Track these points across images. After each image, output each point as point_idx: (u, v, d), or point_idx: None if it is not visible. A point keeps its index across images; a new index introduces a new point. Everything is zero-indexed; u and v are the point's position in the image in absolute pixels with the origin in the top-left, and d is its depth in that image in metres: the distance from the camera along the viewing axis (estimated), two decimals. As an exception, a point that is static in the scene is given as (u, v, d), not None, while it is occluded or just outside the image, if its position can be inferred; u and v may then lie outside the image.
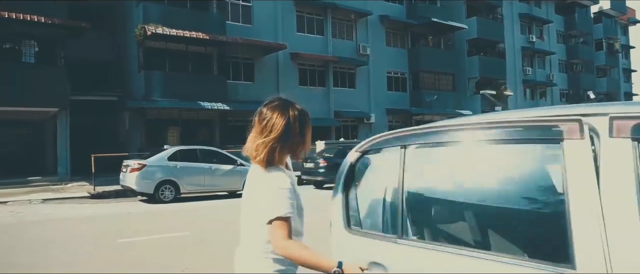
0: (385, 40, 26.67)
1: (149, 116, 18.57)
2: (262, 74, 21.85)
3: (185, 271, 5.07)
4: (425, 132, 1.78)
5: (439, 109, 26.97)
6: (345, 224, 1.98)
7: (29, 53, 15.95)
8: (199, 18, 19.06)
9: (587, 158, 1.37)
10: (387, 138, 1.95)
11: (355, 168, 2.04)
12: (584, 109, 1.60)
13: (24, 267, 5.35)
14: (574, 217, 1.34)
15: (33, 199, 11.78)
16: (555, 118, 1.44)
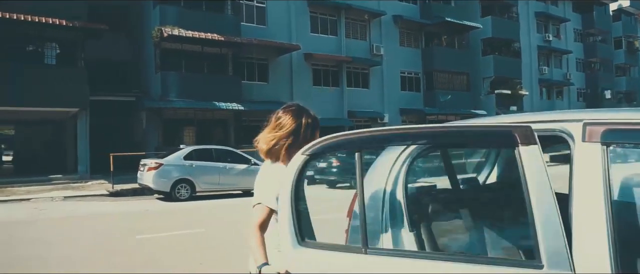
0: (398, 40, 26.67)
1: (165, 115, 18.94)
2: (276, 75, 22.07)
3: (200, 265, 5.29)
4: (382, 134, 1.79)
5: (453, 108, 26.87)
6: (297, 238, 1.73)
7: (51, 55, 16.43)
8: (214, 20, 19.37)
9: (539, 162, 1.47)
10: (337, 140, 1.78)
11: (302, 175, 1.81)
12: (563, 115, 1.74)
13: (52, 260, 5.63)
14: (537, 218, 1.45)
15: (55, 196, 12.18)
16: (509, 125, 1.55)
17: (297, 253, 1.71)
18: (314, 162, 1.86)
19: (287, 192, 1.82)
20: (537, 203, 1.48)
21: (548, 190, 1.50)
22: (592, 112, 1.69)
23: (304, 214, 1.79)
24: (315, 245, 1.73)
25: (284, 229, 1.75)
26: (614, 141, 1.48)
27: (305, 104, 7.37)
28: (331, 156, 1.94)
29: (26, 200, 11.61)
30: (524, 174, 1.52)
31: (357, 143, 1.78)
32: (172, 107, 18.31)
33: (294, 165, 1.86)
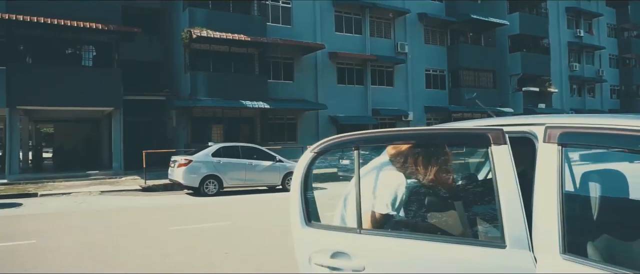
0: (423, 38, 26.66)
1: (194, 114, 19.61)
2: (301, 74, 22.47)
3: (225, 254, 5.70)
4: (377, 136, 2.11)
5: (479, 106, 26.66)
6: (304, 219, 2.09)
7: (88, 57, 17.30)
8: (241, 21, 19.92)
9: (507, 159, 1.75)
10: (340, 140, 2.14)
11: (310, 169, 2.16)
12: (532, 119, 2.01)
13: (95, 247, 6.16)
14: (503, 206, 1.74)
15: (92, 190, 12.92)
16: (485, 128, 1.83)
17: (304, 232, 2.07)
18: (320, 158, 2.20)
19: (297, 182, 2.18)
20: (503, 194, 1.78)
21: (513, 183, 1.79)
22: (556, 117, 1.96)
23: (311, 201, 2.14)
24: (319, 226, 2.08)
25: (293, 212, 2.10)
26: (568, 142, 1.75)
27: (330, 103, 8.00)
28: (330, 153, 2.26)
29: (67, 194, 12.38)
30: (494, 169, 1.82)
31: (355, 142, 2.12)
32: (201, 106, 18.93)
33: (304, 160, 2.22)
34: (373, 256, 1.91)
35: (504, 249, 1.74)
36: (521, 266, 1.69)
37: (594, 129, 1.72)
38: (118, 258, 5.65)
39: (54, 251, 6.01)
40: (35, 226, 7.97)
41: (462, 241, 1.87)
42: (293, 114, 22.23)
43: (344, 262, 1.93)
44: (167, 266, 5.21)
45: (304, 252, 2.05)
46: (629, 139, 1.63)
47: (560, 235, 1.65)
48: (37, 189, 12.94)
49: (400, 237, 1.95)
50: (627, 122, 1.68)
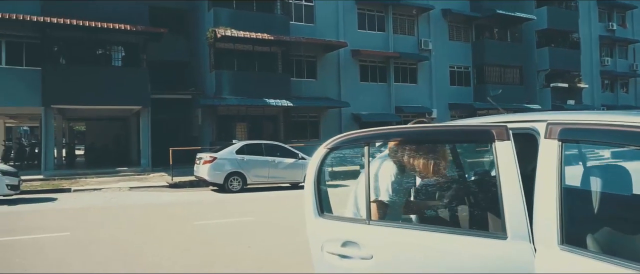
0: (448, 35, 26.38)
1: (219, 112, 19.98)
2: (324, 71, 22.58)
3: (248, 248, 5.88)
4: (386, 132, 2.22)
5: (505, 103, 26.18)
6: (317, 211, 2.23)
7: (117, 58, 17.87)
8: (264, 20, 20.17)
9: (510, 155, 1.83)
10: (351, 137, 2.26)
11: (323, 164, 2.30)
12: (536, 116, 2.07)
13: (125, 239, 6.45)
14: (505, 199, 1.82)
15: (122, 187, 13.38)
16: (489, 124, 1.91)
17: (317, 222, 2.22)
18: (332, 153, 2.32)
19: (312, 176, 2.31)
20: (505, 188, 1.86)
21: (515, 177, 1.87)
22: (558, 113, 2.02)
23: (324, 193, 2.27)
24: (331, 217, 2.22)
25: (307, 204, 2.24)
26: (568, 138, 1.81)
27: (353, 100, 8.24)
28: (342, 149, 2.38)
29: (98, 190, 12.87)
30: (497, 164, 1.91)
31: (365, 139, 2.23)
32: (225, 104, 19.27)
33: (317, 156, 2.35)
34: (381, 246, 2.01)
35: (505, 240, 1.82)
36: (521, 256, 1.77)
37: (592, 125, 1.78)
38: (144, 250, 5.90)
39: (86, 243, 6.32)
40: (69, 219, 8.37)
41: (465, 232, 1.96)
42: (316, 112, 22.38)
43: (353, 250, 2.05)
44: (191, 258, 5.42)
45: (316, 241, 2.18)
46: (627, 135, 1.68)
47: (559, 227, 1.72)
48: (70, 185, 13.50)
49: (406, 228, 2.05)
50: (626, 118, 1.73)
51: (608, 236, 1.85)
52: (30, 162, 21.29)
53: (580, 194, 1.98)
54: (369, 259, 2.02)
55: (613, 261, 1.60)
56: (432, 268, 1.90)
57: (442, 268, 1.89)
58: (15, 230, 7.32)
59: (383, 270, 1.98)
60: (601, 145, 1.85)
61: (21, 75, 16.19)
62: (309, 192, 2.25)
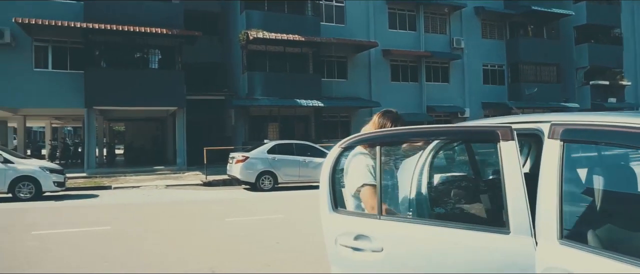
0: (481, 33, 25.93)
1: (251, 112, 20.41)
2: (354, 71, 22.67)
3: (276, 244, 6.10)
4: (397, 133, 2.37)
5: (541, 102, 25.54)
6: (332, 206, 2.37)
7: (154, 60, 18.57)
8: (295, 21, 20.46)
9: (515, 155, 1.93)
10: (364, 137, 2.40)
11: (338, 161, 2.45)
12: (544, 117, 2.15)
13: (161, 234, 6.80)
14: (508, 196, 1.92)
15: (158, 184, 13.93)
16: (495, 125, 2.01)
17: (331, 216, 2.37)
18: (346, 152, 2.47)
19: (326, 174, 2.47)
20: (509, 185, 1.96)
21: (518, 175, 1.97)
22: (563, 115, 2.09)
23: (338, 190, 2.42)
24: (344, 212, 2.36)
25: (322, 200, 2.39)
26: (570, 138, 1.89)
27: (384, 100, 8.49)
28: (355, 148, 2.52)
29: (136, 187, 13.45)
30: (501, 163, 2.01)
31: (378, 139, 2.37)
32: (257, 105, 19.66)
33: (332, 155, 2.50)
34: (391, 239, 2.15)
35: (508, 235, 1.92)
36: (522, 250, 1.86)
37: (594, 126, 1.85)
38: (177, 243, 6.21)
39: (125, 237, 6.71)
40: (110, 215, 8.85)
41: (470, 227, 2.07)
42: (346, 111, 22.50)
43: (365, 243, 2.19)
44: (221, 252, 5.67)
45: (330, 234, 2.33)
46: (627, 136, 1.75)
47: (558, 223, 1.81)
48: (110, 183, 14.17)
49: (415, 222, 2.18)
50: (629, 120, 1.80)
51: (610, 232, 1.92)
52: (74, 160, 22.42)
53: (586, 192, 2.05)
54: (379, 252, 2.15)
55: (611, 256, 1.67)
56: (438, 260, 2.03)
57: (447, 260, 2.01)
58: (62, 224, 7.83)
59: (393, 262, 2.12)
60: (603, 145, 1.91)
61: (66, 78, 17.10)
62: (324, 188, 2.40)
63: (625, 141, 1.77)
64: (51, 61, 17.18)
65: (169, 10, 17.94)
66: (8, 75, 16.45)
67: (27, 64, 16.81)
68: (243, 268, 4.94)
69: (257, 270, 4.89)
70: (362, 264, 2.21)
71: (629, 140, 1.75)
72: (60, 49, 17.33)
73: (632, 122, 1.75)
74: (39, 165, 11.38)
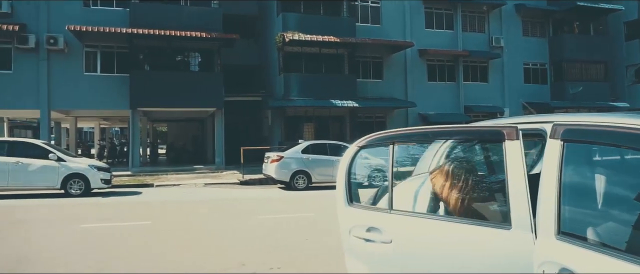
0: (522, 30, 25.22)
1: (287, 113, 20.76)
2: (390, 72, 22.62)
3: (306, 240, 6.29)
4: (410, 133, 2.50)
5: (587, 101, 24.54)
6: (348, 200, 2.58)
7: (194, 63, 19.26)
8: (331, 23, 20.65)
9: (519, 154, 2.01)
10: (378, 137, 2.56)
11: (354, 159, 2.65)
12: (549, 118, 2.21)
13: (195, 229, 7.15)
14: (511, 193, 2.00)
15: (197, 183, 14.46)
16: (501, 125, 2.10)
17: (347, 210, 2.61)
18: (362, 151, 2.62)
19: (343, 170, 2.63)
20: (512, 183, 2.05)
21: (521, 173, 2.05)
22: (564, 115, 2.15)
23: (354, 185, 2.59)
24: (359, 206, 2.56)
25: (339, 194, 2.59)
26: (570, 139, 1.96)
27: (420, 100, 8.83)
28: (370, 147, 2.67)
29: (177, 185, 14.03)
30: (506, 162, 2.10)
31: (392, 138, 2.51)
32: (293, 106, 19.99)
33: (349, 153, 2.67)
34: (400, 232, 2.28)
35: (509, 230, 2.01)
36: (522, 244, 1.95)
37: (593, 126, 1.91)
38: (212, 237, 6.52)
39: (165, 231, 7.09)
40: (151, 210, 9.33)
41: (475, 222, 2.16)
42: (382, 112, 22.47)
43: (376, 235, 2.33)
44: (252, 247, 5.91)
45: (345, 225, 2.50)
46: (626, 136, 1.80)
47: (556, 219, 1.88)
48: (153, 181, 14.83)
49: (423, 217, 2.30)
50: (629, 121, 1.84)
51: (611, 230, 1.96)
52: (120, 159, 23.53)
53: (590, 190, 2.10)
54: (389, 243, 2.29)
55: (606, 253, 1.73)
56: (442, 252, 2.14)
57: (451, 252, 2.12)
58: (107, 218, 8.35)
59: (401, 253, 2.25)
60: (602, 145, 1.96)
61: (112, 81, 18.04)
62: (341, 184, 2.57)
63: (625, 142, 1.81)
64: (100, 65, 18.17)
65: (208, 14, 18.56)
66: (62, 79, 17.55)
67: (78, 68, 17.85)
68: (271, 263, 5.15)
69: (283, 264, 5.09)
70: (373, 254, 2.35)
71: (629, 141, 1.80)
72: (107, 53, 18.30)
73: (632, 123, 1.80)
74: (88, 163, 12.11)
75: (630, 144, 1.80)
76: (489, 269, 2.02)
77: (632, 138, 1.77)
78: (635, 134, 1.76)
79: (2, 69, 17.25)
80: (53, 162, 11.35)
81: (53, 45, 17.01)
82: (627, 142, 1.80)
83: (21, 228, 7.34)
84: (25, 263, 5.22)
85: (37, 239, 6.52)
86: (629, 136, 1.78)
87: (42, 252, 5.76)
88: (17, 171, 11.13)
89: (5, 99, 17.15)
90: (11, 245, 6.14)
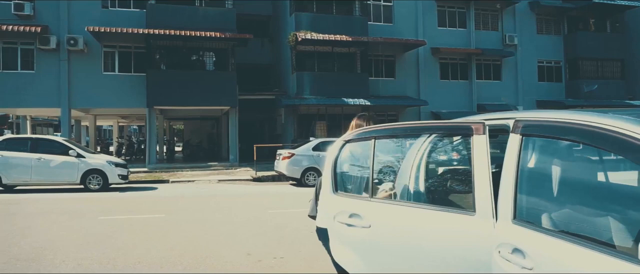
0: (536, 28, 25.04)
1: (300, 111, 21.06)
2: (403, 70, 22.72)
3: (311, 233, 6.55)
4: (389, 128, 2.73)
5: (603, 99, 24.28)
6: (333, 189, 2.85)
7: (209, 62, 19.69)
8: (343, 22, 20.86)
9: (484, 147, 2.24)
10: (361, 133, 2.83)
11: (340, 152, 2.92)
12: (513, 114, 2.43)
13: (208, 221, 7.48)
14: (476, 182, 2.23)
15: (211, 179, 14.86)
16: (470, 121, 2.33)
17: (332, 197, 2.87)
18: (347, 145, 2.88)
19: (330, 162, 2.89)
20: (477, 173, 2.27)
21: (485, 165, 2.27)
22: (526, 112, 2.36)
23: (339, 176, 2.85)
24: (343, 194, 2.80)
25: (325, 184, 2.84)
26: (528, 133, 2.17)
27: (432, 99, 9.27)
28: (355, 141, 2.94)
29: (192, 181, 14.45)
30: (473, 154, 2.33)
31: (374, 134, 2.75)
32: (306, 104, 20.27)
33: (336, 146, 2.92)
34: (377, 217, 2.53)
35: (473, 216, 2.24)
36: (483, 228, 2.18)
37: (548, 122, 2.13)
38: (222, 229, 6.83)
39: (178, 222, 7.44)
40: (166, 205, 9.72)
41: (443, 208, 2.40)
42: (394, 110, 22.60)
43: (356, 220, 2.59)
44: (261, 236, 6.21)
45: (330, 212, 2.76)
46: (575, 131, 2.01)
47: (512, 206, 2.11)
48: (168, 177, 15.28)
49: (398, 204, 2.54)
50: (582, 117, 2.05)
51: (566, 216, 2.18)
52: (137, 156, 24.15)
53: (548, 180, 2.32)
54: (367, 228, 2.54)
55: (555, 235, 1.94)
56: (414, 234, 2.38)
57: (421, 234, 2.36)
58: (124, 211, 8.76)
59: (378, 236, 2.50)
60: (556, 140, 2.17)
61: (130, 80, 18.58)
62: (327, 175, 2.82)
63: (576, 136, 2.03)
64: (118, 65, 18.73)
65: (222, 15, 18.96)
66: (81, 79, 18.15)
67: (97, 68, 18.43)
68: (276, 253, 5.43)
69: (288, 254, 5.36)
70: (354, 237, 2.61)
71: (578, 135, 2.01)
72: (125, 53, 18.85)
73: (582, 119, 2.01)
74: (106, 160, 12.59)
75: (579, 138, 2.01)
76: (455, 249, 2.25)
77: (581, 132, 1.98)
78: (583, 128, 1.97)
79: (25, 69, 17.93)
80: (73, 159, 11.85)
81: (73, 45, 17.61)
82: (577, 136, 2.01)
83: (45, 219, 7.78)
84: (49, 249, 5.60)
85: (60, 229, 6.94)
86: (578, 131, 1.99)
87: (63, 240, 6.15)
88: (39, 166, 11.66)
89: (28, 98, 17.83)
90: (37, 234, 6.56)
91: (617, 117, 1.83)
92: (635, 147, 1.66)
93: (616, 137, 1.75)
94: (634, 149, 1.67)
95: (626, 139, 1.70)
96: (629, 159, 1.73)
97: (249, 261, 5.17)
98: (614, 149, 1.80)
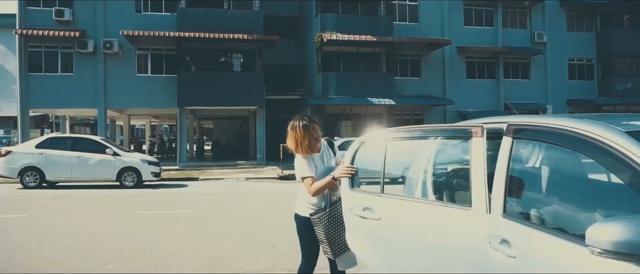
0: (566, 25, 24.53)
1: (326, 111, 21.36)
2: (428, 69, 22.70)
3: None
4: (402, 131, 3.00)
5: (637, 97, 23.58)
6: (350, 185, 3.12)
7: (237, 63, 20.24)
8: (368, 22, 21.03)
9: (482, 148, 2.48)
10: (376, 134, 3.12)
11: (357, 152, 3.22)
12: (506, 119, 2.66)
13: (230, 217, 7.88)
14: (473, 179, 2.48)
15: (239, 177, 15.35)
16: (470, 125, 2.57)
17: (349, 193, 3.15)
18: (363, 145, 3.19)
19: (348, 161, 3.20)
20: (474, 172, 2.52)
21: (482, 164, 2.52)
22: (519, 117, 2.59)
23: (355, 173, 3.13)
24: (358, 190, 3.14)
25: (344, 180, 3.15)
26: (518, 136, 2.40)
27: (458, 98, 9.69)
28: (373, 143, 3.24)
29: (220, 179, 14.98)
30: (471, 155, 2.58)
31: (386, 137, 3.05)
32: (331, 104, 20.55)
33: (353, 147, 3.24)
34: (387, 210, 2.83)
35: (469, 210, 2.49)
36: (477, 221, 2.42)
37: (536, 126, 2.35)
38: (246, 224, 7.21)
39: (207, 218, 7.87)
40: (196, 201, 10.21)
41: (446, 204, 2.66)
42: (420, 109, 22.62)
43: (369, 213, 2.91)
44: (281, 233, 6.55)
45: (347, 206, 3.09)
46: (558, 136, 2.23)
47: (503, 201, 2.34)
48: (198, 174, 15.87)
49: (405, 200, 2.83)
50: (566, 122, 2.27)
51: (553, 212, 2.39)
52: (169, 155, 25.02)
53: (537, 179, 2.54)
54: (378, 220, 2.83)
55: (541, 229, 2.17)
56: (419, 225, 2.65)
57: (425, 225, 2.63)
58: (156, 206, 9.28)
59: (387, 228, 2.79)
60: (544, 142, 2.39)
61: (162, 82, 19.32)
62: None
63: (561, 140, 2.25)
64: (150, 67, 19.50)
65: (250, 17, 19.46)
66: (116, 80, 19.01)
67: (131, 70, 19.25)
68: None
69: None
70: (366, 228, 2.92)
71: (559, 139, 2.23)
72: (157, 55, 19.61)
73: (567, 125, 2.23)
74: (140, 158, 13.23)
75: (560, 141, 2.23)
76: (453, 240, 2.51)
77: (562, 137, 2.20)
78: (563, 133, 2.19)
79: (65, 71, 18.90)
80: (110, 157, 12.52)
81: (109, 49, 18.46)
82: (558, 140, 2.23)
83: (86, 213, 8.37)
84: (96, 236, 6.11)
85: (102, 221, 7.48)
86: (559, 135, 2.21)
87: (107, 231, 6.66)
88: (79, 164, 12.38)
89: (67, 99, 18.80)
90: (86, 225, 7.14)
91: (590, 123, 2.05)
92: (602, 149, 1.89)
93: (587, 140, 1.98)
94: (600, 150, 1.90)
95: (594, 142, 1.93)
96: (596, 160, 1.95)
97: (272, 254, 5.51)
98: (586, 151, 2.02)
